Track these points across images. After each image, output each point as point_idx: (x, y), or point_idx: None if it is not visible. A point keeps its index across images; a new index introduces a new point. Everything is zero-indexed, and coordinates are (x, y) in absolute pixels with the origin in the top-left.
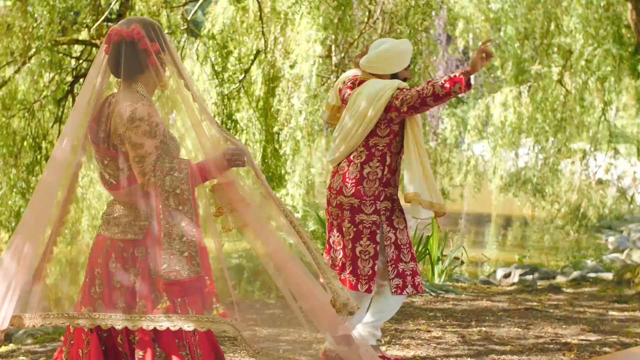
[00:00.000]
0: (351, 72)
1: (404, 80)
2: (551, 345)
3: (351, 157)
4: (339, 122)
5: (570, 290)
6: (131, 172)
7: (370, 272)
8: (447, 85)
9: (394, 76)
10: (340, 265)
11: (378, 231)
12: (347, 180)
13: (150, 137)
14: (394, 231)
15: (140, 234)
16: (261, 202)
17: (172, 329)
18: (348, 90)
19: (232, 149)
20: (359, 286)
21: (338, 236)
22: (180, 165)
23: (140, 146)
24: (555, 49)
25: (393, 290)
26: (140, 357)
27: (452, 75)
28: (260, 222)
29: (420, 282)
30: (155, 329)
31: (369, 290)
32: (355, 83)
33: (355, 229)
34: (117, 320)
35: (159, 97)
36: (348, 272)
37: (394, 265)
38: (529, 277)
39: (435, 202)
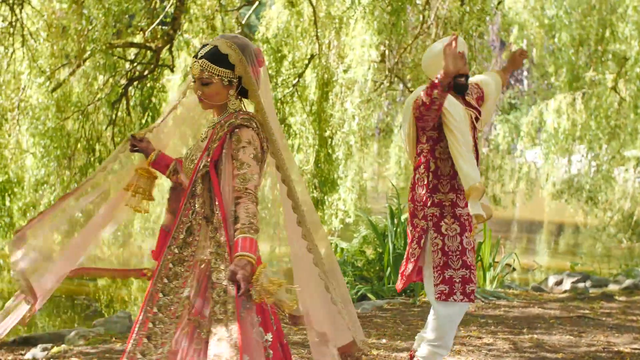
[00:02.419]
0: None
1: (460, 77)
2: (603, 354)
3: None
4: None
5: (622, 298)
6: None
7: (410, 272)
8: (429, 91)
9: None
10: None
11: (424, 236)
12: (410, 186)
13: None
14: (441, 237)
15: None
16: None
17: None
18: None
19: None
20: (398, 284)
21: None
22: None
23: None
24: (610, 56)
25: (437, 296)
26: None
27: (432, 81)
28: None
29: (472, 290)
30: None
31: (402, 286)
32: None
33: (412, 232)
34: None
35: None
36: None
37: (439, 272)
38: (581, 284)
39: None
